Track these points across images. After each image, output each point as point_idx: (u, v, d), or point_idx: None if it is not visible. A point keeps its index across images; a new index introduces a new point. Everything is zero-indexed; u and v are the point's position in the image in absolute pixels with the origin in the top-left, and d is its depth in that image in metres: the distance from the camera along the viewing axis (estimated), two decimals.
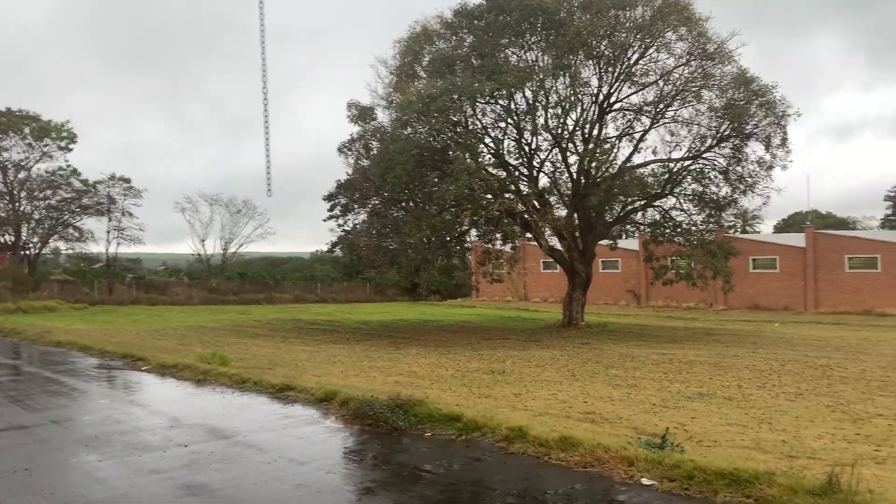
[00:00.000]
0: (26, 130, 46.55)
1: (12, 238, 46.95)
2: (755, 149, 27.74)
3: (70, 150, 48.25)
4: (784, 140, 27.07)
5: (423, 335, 27.01)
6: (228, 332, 25.96)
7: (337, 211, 43.79)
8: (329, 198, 42.63)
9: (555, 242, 29.54)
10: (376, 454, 7.85)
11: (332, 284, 57.78)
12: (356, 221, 38.68)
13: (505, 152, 28.61)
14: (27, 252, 47.84)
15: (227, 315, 35.85)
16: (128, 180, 49.09)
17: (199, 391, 12.29)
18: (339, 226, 45.51)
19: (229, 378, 12.87)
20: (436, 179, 27.59)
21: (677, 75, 27.22)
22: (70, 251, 51.70)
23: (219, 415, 10.07)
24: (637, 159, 28.79)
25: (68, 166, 48.16)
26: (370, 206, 32.99)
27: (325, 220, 43.28)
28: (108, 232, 49.08)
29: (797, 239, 46.45)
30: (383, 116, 29.20)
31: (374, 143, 28.42)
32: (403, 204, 30.73)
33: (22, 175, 47.16)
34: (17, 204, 46.87)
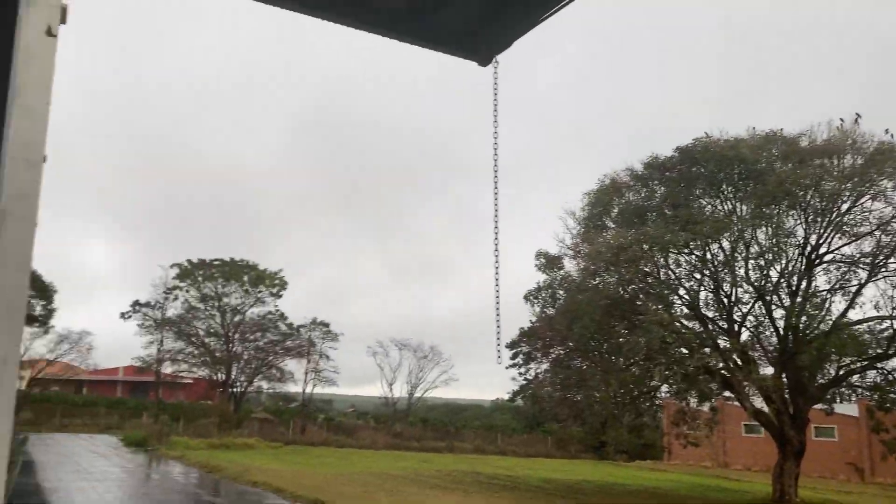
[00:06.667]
0: (245, 278, 52.18)
1: (223, 376, 51.35)
2: None
3: (280, 296, 53.16)
4: None
5: (616, 501, 24.97)
6: (409, 482, 25.69)
7: (519, 359, 43.43)
8: (512, 345, 42.47)
9: (760, 404, 26.74)
10: None
11: (512, 436, 56.29)
12: (538, 371, 37.99)
13: (701, 304, 27.06)
14: (234, 390, 51.93)
15: (409, 462, 35.78)
16: (326, 325, 52.72)
17: None
18: (521, 374, 44.75)
19: None
20: (624, 331, 26.56)
21: None
22: (271, 391, 55.37)
23: None
24: (854, 314, 25.89)
25: (277, 310, 52.81)
26: (553, 355, 32.30)
27: (507, 368, 42.82)
28: (306, 373, 52.28)
29: None
30: (570, 266, 29.15)
31: (560, 292, 28.23)
32: (590, 355, 29.75)
33: (237, 318, 52.32)
34: (230, 345, 51.67)
